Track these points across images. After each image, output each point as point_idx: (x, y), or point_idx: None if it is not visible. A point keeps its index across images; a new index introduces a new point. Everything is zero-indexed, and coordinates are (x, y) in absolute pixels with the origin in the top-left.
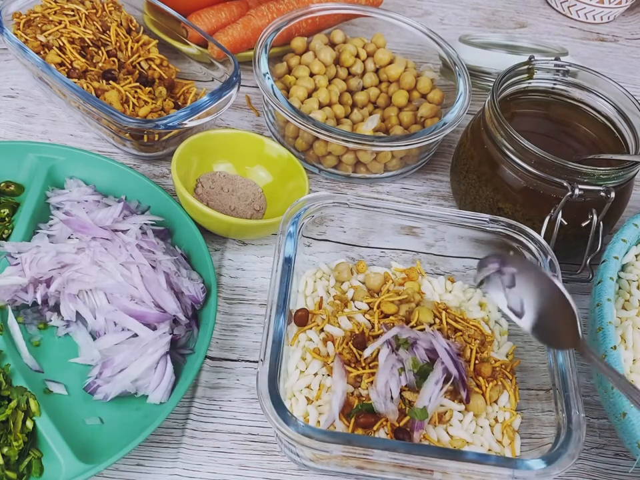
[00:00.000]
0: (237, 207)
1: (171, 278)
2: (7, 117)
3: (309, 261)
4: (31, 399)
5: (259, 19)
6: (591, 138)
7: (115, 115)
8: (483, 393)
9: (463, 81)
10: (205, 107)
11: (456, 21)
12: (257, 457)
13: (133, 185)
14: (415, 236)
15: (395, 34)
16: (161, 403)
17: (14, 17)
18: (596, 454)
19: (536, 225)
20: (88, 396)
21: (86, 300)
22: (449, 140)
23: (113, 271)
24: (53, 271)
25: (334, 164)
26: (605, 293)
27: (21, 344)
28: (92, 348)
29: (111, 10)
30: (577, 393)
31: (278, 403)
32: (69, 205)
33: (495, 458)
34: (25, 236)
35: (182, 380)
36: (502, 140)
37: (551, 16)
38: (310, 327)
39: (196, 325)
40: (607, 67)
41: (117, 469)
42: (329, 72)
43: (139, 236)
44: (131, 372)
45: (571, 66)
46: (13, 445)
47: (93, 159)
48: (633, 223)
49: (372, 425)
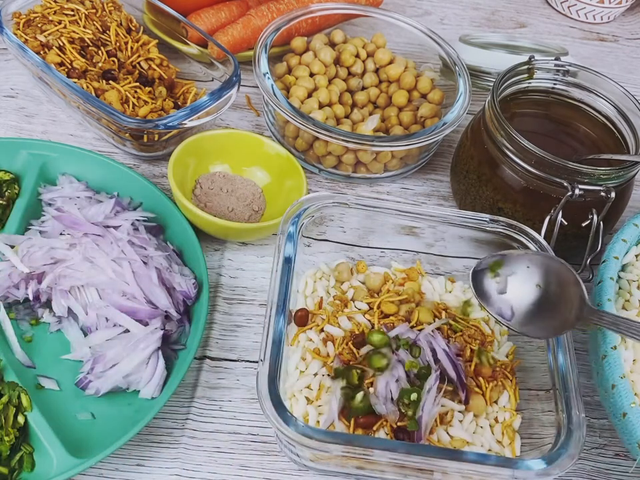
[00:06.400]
0: (236, 208)
1: (162, 274)
2: (6, 117)
3: (309, 261)
4: (22, 394)
5: (259, 19)
6: (591, 138)
7: (115, 115)
8: (483, 394)
9: (463, 81)
10: (205, 107)
11: (456, 20)
12: (257, 457)
13: (125, 181)
14: (414, 236)
15: (394, 34)
16: (152, 398)
17: (14, 17)
18: (596, 454)
19: (536, 225)
20: (79, 391)
21: (77, 296)
22: (449, 140)
23: (105, 267)
24: (45, 267)
25: (334, 164)
26: (605, 293)
27: (12, 340)
28: (83, 344)
29: (110, 10)
30: (577, 393)
31: (278, 403)
32: (61, 202)
33: (495, 458)
34: (17, 232)
35: (173, 375)
36: (502, 140)
37: (551, 16)
38: (310, 327)
39: (188, 321)
40: (607, 67)
41: (117, 469)
42: (329, 72)
43: (130, 232)
44: (122, 367)
45: (571, 66)
46: (5, 439)
47: (86, 156)
48: (633, 223)
49: (372, 425)
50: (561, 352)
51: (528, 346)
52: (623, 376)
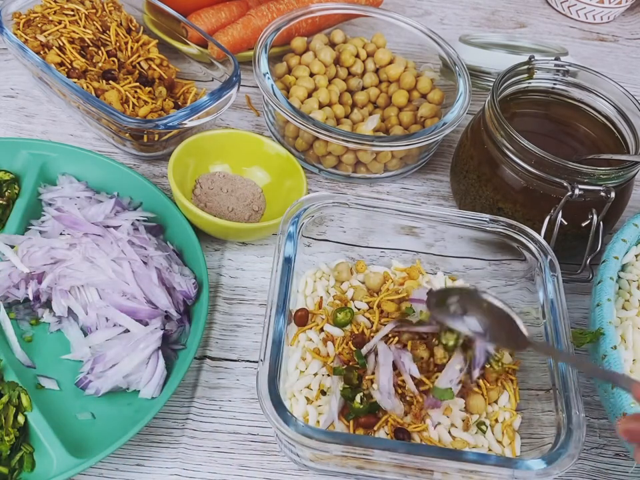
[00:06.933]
0: (236, 208)
1: (162, 274)
2: (7, 117)
3: (309, 261)
4: (22, 394)
5: (259, 19)
6: (590, 138)
7: (115, 115)
8: (482, 393)
9: (463, 81)
10: (205, 107)
11: (456, 20)
12: (257, 457)
13: (125, 181)
14: (414, 236)
15: (394, 34)
16: (152, 398)
17: (14, 17)
18: (596, 454)
19: (536, 224)
20: (79, 391)
21: (78, 296)
22: (449, 140)
23: (105, 267)
24: (45, 267)
25: (334, 164)
26: (605, 293)
27: (12, 340)
28: (83, 344)
29: (110, 10)
30: (577, 393)
31: (278, 403)
32: (61, 202)
33: (495, 458)
34: (17, 232)
35: (173, 375)
36: (502, 140)
37: (551, 16)
38: (310, 327)
39: (188, 321)
40: (607, 67)
41: (117, 469)
42: (329, 72)
43: (130, 232)
44: (122, 367)
45: (571, 66)
46: (5, 439)
47: (86, 156)
48: (633, 223)
49: (372, 425)
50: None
51: None
52: None
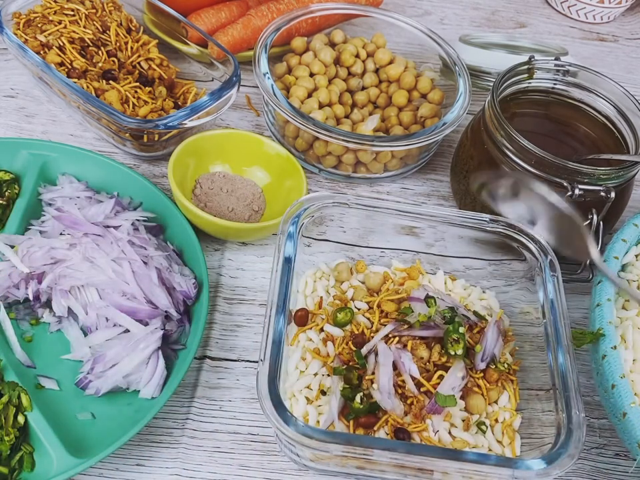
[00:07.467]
0: (236, 208)
1: (162, 274)
2: (7, 117)
3: (309, 261)
4: (22, 394)
5: (259, 19)
6: (590, 138)
7: (115, 115)
8: (482, 393)
9: (463, 81)
10: (205, 107)
11: (456, 20)
12: (257, 457)
13: (125, 181)
14: (414, 236)
15: (394, 34)
16: (152, 398)
17: (14, 17)
18: (596, 454)
19: None
20: (79, 391)
21: (78, 296)
22: (449, 140)
23: (105, 267)
24: (45, 267)
25: (334, 164)
26: (605, 293)
27: (12, 340)
28: (83, 344)
29: (110, 10)
30: (577, 393)
31: (278, 403)
32: (61, 202)
33: (495, 458)
34: (17, 232)
35: (173, 375)
36: (502, 140)
37: (551, 16)
38: (310, 327)
39: (188, 321)
40: (607, 67)
41: (117, 469)
42: (329, 72)
43: (130, 232)
44: (122, 367)
45: (571, 66)
46: (5, 439)
47: (86, 156)
48: (633, 223)
49: (372, 425)
50: (561, 352)
51: (528, 346)
52: (623, 376)
